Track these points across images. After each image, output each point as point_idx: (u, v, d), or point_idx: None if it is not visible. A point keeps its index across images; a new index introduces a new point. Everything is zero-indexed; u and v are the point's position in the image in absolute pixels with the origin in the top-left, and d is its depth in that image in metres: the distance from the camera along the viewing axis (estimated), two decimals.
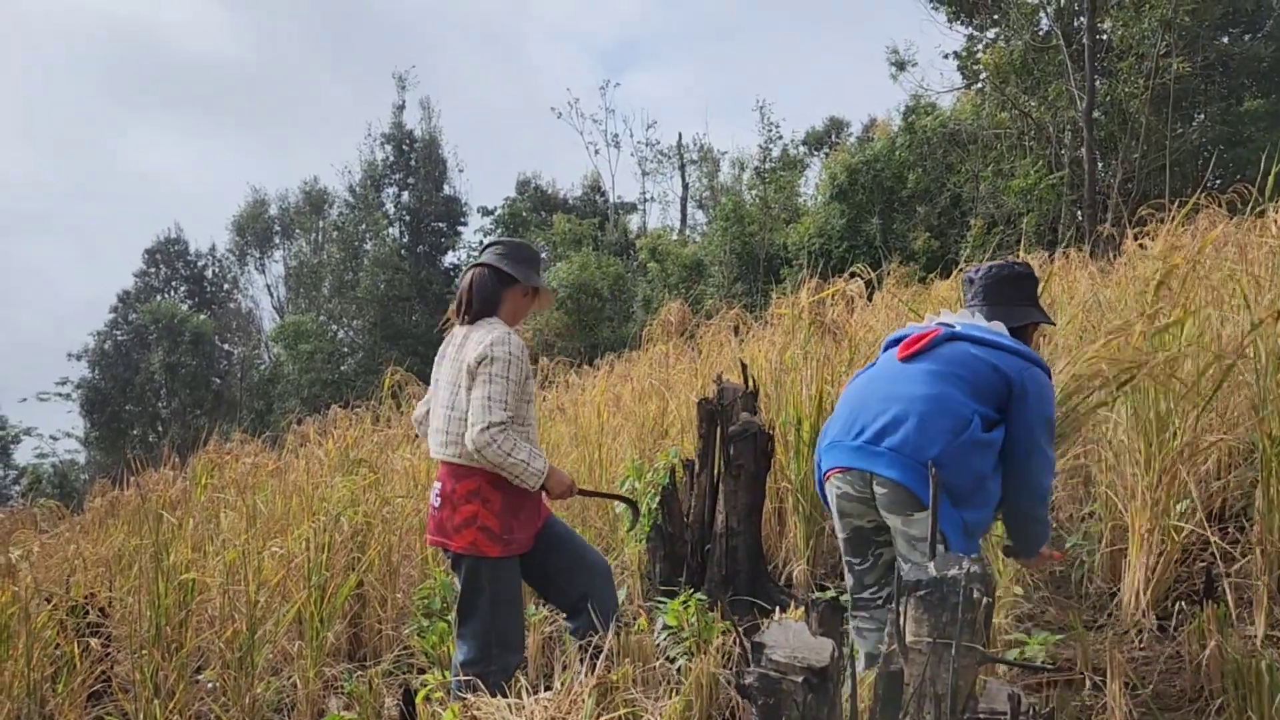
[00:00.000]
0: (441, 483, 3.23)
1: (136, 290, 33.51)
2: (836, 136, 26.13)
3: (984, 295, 2.89)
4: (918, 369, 2.65)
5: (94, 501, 6.62)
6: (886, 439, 2.54)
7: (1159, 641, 3.20)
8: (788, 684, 1.89)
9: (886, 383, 2.68)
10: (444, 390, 3.28)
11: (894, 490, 2.52)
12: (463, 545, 3.15)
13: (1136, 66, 13.86)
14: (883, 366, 2.79)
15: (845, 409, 2.74)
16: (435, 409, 3.31)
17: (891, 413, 2.57)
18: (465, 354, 3.19)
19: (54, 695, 3.70)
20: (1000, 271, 2.90)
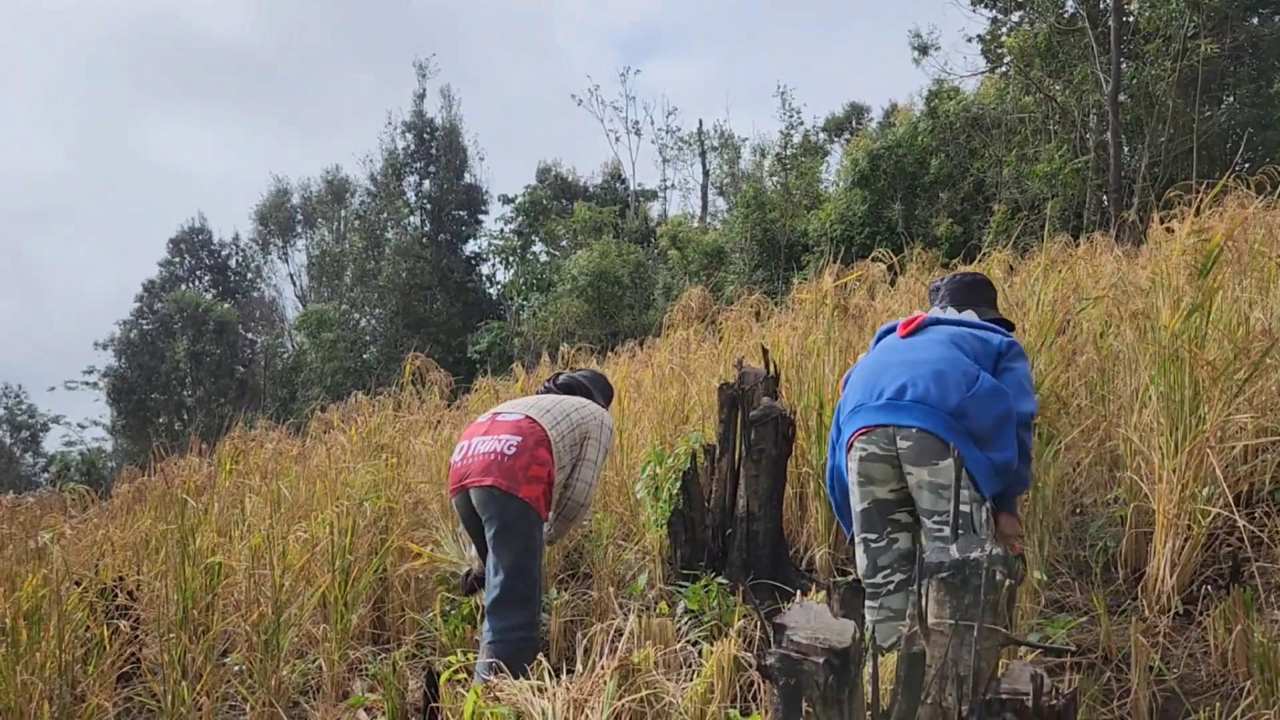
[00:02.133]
0: (521, 437, 3.58)
1: (161, 280, 33.81)
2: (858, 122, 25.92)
3: (950, 297, 3.22)
4: (921, 340, 2.94)
5: (121, 488, 6.69)
6: (909, 393, 2.74)
7: (1184, 627, 3.18)
8: (809, 665, 1.89)
9: (897, 353, 2.93)
10: (547, 404, 3.84)
11: (920, 439, 2.68)
12: (530, 496, 3.49)
13: (1164, 48, 13.65)
14: (887, 344, 3.04)
15: (860, 380, 2.94)
16: (535, 400, 3.90)
17: (909, 373, 2.79)
18: (583, 415, 3.83)
19: (84, 676, 3.75)
20: (963, 278, 3.27)
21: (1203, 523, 3.26)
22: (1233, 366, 3.35)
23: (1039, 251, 5.96)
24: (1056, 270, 5.41)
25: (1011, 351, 2.95)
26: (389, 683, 3.49)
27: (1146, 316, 3.77)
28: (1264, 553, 3.25)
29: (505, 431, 3.60)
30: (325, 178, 34.27)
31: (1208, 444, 3.25)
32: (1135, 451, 3.57)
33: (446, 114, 29.81)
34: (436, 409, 6.55)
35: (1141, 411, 3.58)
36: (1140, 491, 3.51)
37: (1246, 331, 3.59)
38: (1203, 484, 3.28)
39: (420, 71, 29.65)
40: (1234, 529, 3.29)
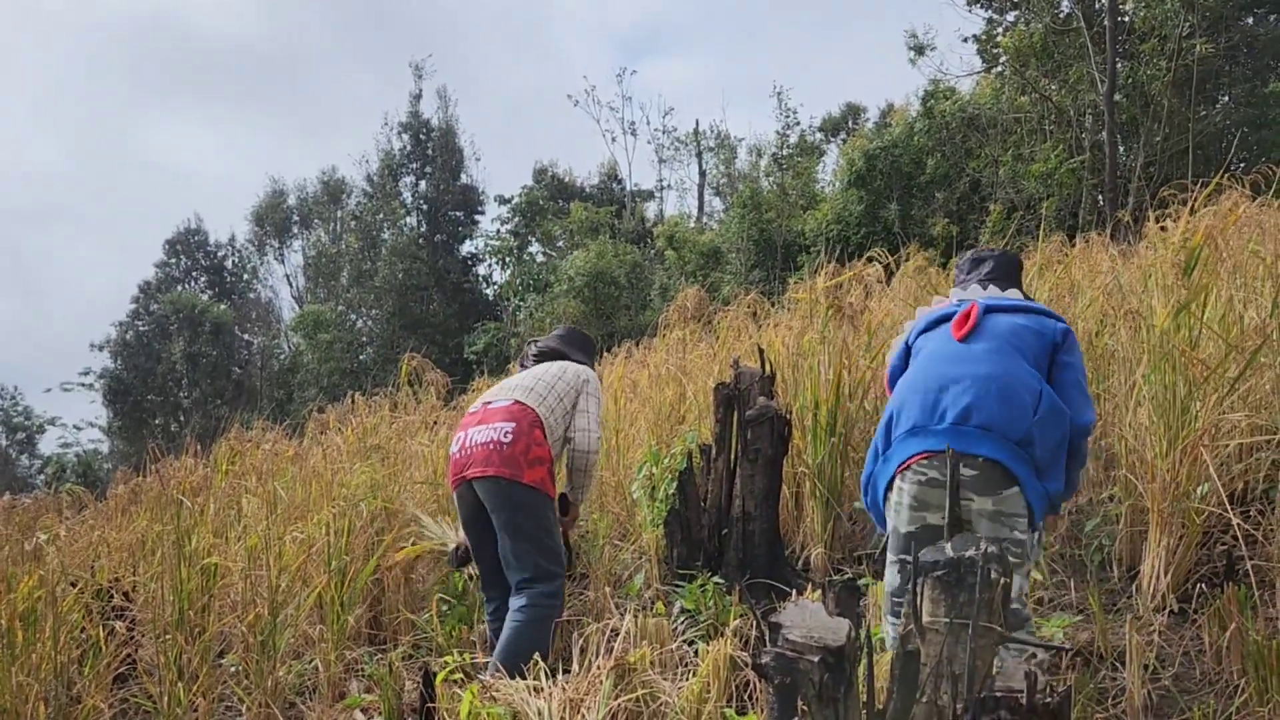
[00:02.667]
0: (515, 423, 3.59)
1: (157, 281, 33.77)
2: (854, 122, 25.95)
3: (997, 271, 3.02)
4: (980, 349, 2.69)
5: (117, 489, 6.69)
6: (974, 418, 2.55)
7: (1179, 625, 3.19)
8: (804, 664, 1.89)
9: (953, 364, 2.68)
10: (535, 373, 3.86)
11: (986, 468, 2.52)
12: (535, 480, 3.52)
13: (1159, 48, 13.68)
14: (943, 351, 2.76)
15: (916, 395, 2.68)
16: (518, 381, 3.86)
17: (972, 393, 2.58)
18: (565, 370, 3.86)
19: (80, 677, 3.75)
20: (1008, 256, 3.12)
21: (1197, 521, 3.27)
22: (1225, 365, 3.36)
23: (1034, 251, 5.97)
24: (1052, 270, 5.42)
25: (1068, 342, 2.76)
26: (385, 683, 3.49)
27: (1140, 316, 3.78)
28: (1258, 550, 3.26)
29: (499, 419, 3.62)
30: (321, 178, 34.24)
31: (1201, 442, 3.26)
32: (1130, 450, 3.58)
33: (443, 115, 29.82)
34: (433, 409, 6.55)
35: (1136, 410, 3.59)
36: (1135, 490, 3.52)
37: (1240, 330, 3.61)
38: (1197, 482, 3.29)
39: (416, 72, 29.66)
40: (1228, 527, 3.30)
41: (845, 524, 4.38)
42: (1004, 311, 2.80)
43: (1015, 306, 2.82)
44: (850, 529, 4.43)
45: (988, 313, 2.80)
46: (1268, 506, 3.41)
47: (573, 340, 4.17)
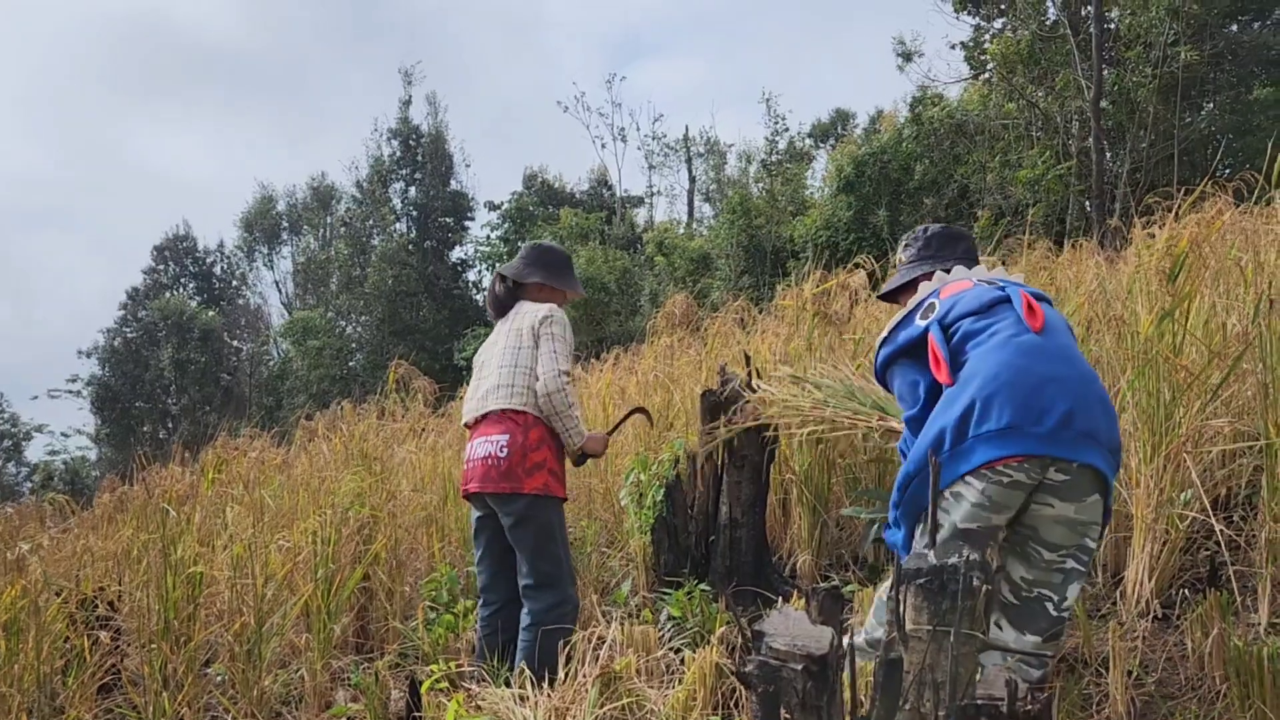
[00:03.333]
0: (509, 434, 3.49)
1: (145, 287, 33.68)
2: (843, 128, 26.06)
3: (973, 251, 2.96)
4: (1057, 345, 2.53)
5: (103, 497, 6.65)
6: (1078, 423, 2.40)
7: (1162, 630, 3.20)
8: (787, 672, 1.90)
9: (1041, 360, 2.48)
10: (499, 355, 3.62)
11: (1080, 474, 2.39)
12: (536, 487, 3.43)
13: (1144, 55, 13.78)
14: (1020, 340, 2.51)
15: (1006, 390, 2.43)
16: (490, 371, 3.65)
17: (1072, 396, 2.42)
18: (521, 323, 3.59)
19: (64, 688, 3.72)
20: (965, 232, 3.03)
21: (1180, 527, 3.29)
22: (1208, 371, 3.39)
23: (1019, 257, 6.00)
24: (1038, 275, 5.45)
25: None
26: (371, 692, 3.48)
27: (1124, 322, 3.80)
28: (1240, 556, 3.28)
29: (496, 431, 3.55)
30: (311, 184, 34.24)
31: (1184, 448, 3.28)
32: None
33: (432, 121, 29.85)
34: (421, 417, 6.54)
35: (1120, 416, 3.60)
36: (1119, 495, 3.53)
37: (1223, 337, 3.63)
38: (1180, 488, 3.31)
39: (406, 78, 29.71)
40: (1211, 533, 3.32)
41: (832, 530, 4.39)
42: (1042, 301, 2.65)
43: (1043, 296, 2.69)
44: (837, 535, 4.44)
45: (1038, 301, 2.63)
46: (1250, 512, 3.43)
47: (535, 264, 3.78)
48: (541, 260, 3.79)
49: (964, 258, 2.91)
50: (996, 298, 2.61)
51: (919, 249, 3.00)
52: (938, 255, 2.93)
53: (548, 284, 3.75)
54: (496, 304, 3.78)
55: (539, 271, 3.75)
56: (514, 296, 3.76)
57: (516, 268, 3.77)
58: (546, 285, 3.76)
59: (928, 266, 2.92)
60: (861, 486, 4.29)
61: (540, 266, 3.76)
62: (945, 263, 2.88)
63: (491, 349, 3.73)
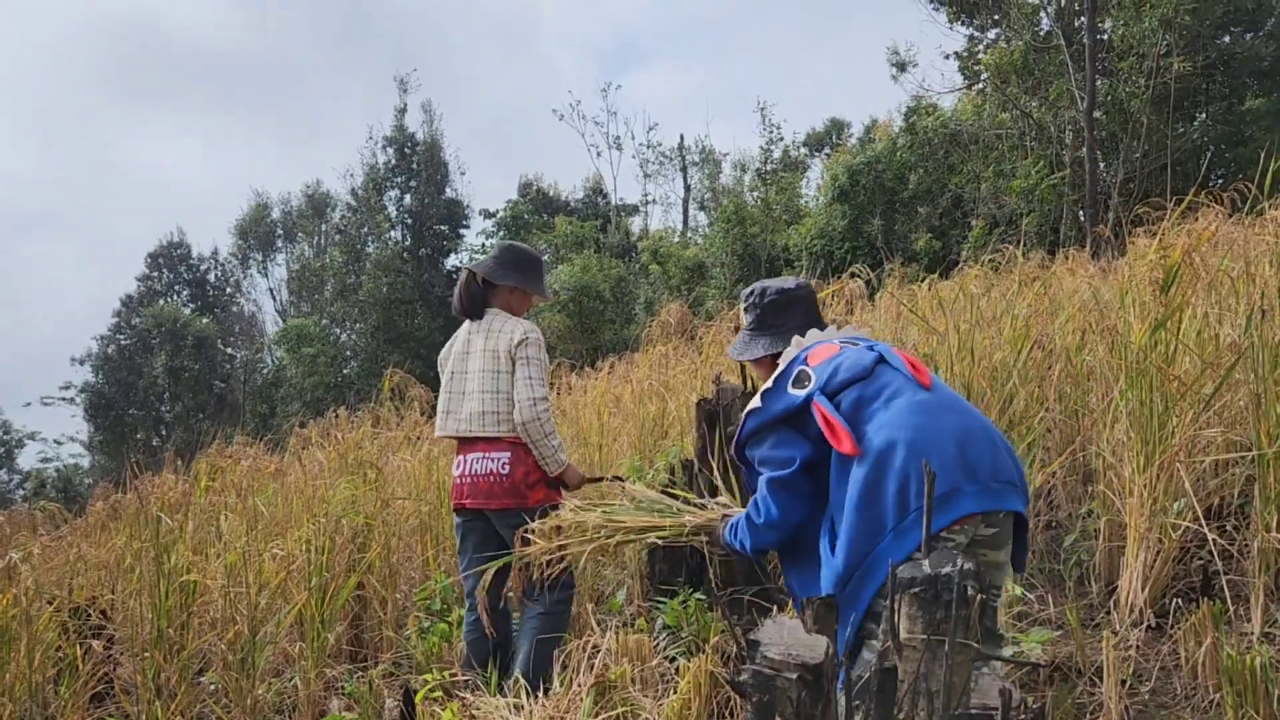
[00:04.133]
0: (511, 453, 3.51)
1: (139, 294, 33.61)
2: (838, 138, 26.15)
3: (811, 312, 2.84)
4: (952, 397, 2.52)
5: (96, 505, 6.64)
6: (1001, 473, 2.36)
7: (1156, 639, 3.21)
8: (782, 681, 1.90)
9: (951, 417, 2.42)
10: (477, 377, 3.59)
11: (1005, 522, 2.38)
12: (540, 499, 3.48)
13: (1137, 66, 13.85)
14: (922, 398, 2.44)
15: (935, 455, 2.31)
16: (471, 390, 3.61)
17: (990, 446, 2.39)
18: (498, 344, 3.57)
19: (56, 697, 3.71)
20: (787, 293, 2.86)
21: (1174, 536, 3.30)
22: (1201, 381, 3.40)
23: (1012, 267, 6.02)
24: (1030, 286, 5.47)
25: None
26: (365, 701, 3.48)
27: (1118, 332, 3.82)
28: (1233, 566, 3.29)
29: (496, 450, 3.55)
30: (306, 192, 34.23)
31: (1177, 458, 3.29)
32: (1108, 465, 3.61)
33: (428, 129, 29.86)
34: (416, 425, 6.54)
35: (1113, 426, 3.62)
36: (1113, 505, 3.55)
37: (1216, 347, 3.65)
38: (1173, 498, 3.32)
39: (401, 86, 29.71)
40: (1204, 542, 3.32)
41: None
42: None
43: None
44: None
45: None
46: (1243, 522, 3.44)
47: (510, 266, 3.70)
48: (517, 262, 3.72)
49: (806, 322, 2.79)
50: (874, 359, 2.52)
51: (758, 318, 2.84)
52: (776, 326, 2.80)
53: (520, 287, 3.70)
54: (467, 302, 3.70)
55: (513, 274, 3.69)
56: (485, 296, 3.69)
57: (489, 267, 3.69)
58: (519, 289, 3.71)
59: (769, 339, 2.79)
60: None
61: (515, 268, 3.70)
62: (787, 333, 2.75)
63: (465, 360, 3.67)
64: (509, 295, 3.71)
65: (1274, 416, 3.19)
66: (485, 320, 3.65)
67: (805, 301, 2.85)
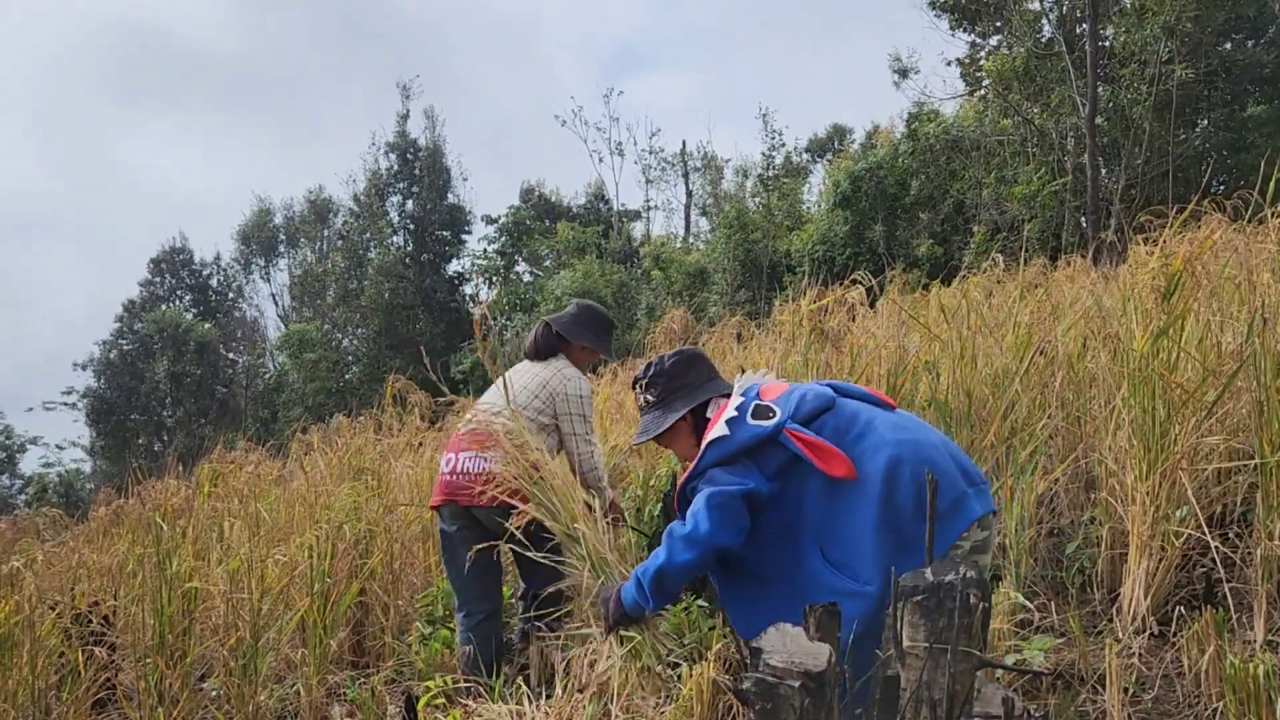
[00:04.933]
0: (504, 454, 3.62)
1: (141, 299, 33.66)
2: (839, 144, 26.18)
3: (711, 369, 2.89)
4: (910, 415, 2.71)
5: (98, 511, 6.64)
6: (980, 478, 2.49)
7: (1158, 647, 3.20)
8: (785, 689, 1.90)
9: (926, 433, 2.53)
10: (519, 391, 3.79)
11: (992, 523, 2.48)
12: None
13: (1139, 73, 13.87)
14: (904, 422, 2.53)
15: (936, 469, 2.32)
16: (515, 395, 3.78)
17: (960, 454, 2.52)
18: (554, 384, 3.82)
19: (59, 703, 3.71)
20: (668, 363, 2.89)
21: (1176, 544, 3.30)
22: (1203, 388, 3.40)
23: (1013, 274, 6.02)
24: (1032, 292, 5.47)
25: None
26: (367, 707, 3.48)
27: (1119, 339, 3.82)
28: (1236, 574, 3.28)
29: (491, 449, 3.59)
30: (308, 197, 34.28)
31: (1180, 465, 3.29)
32: (1110, 472, 3.61)
33: (430, 135, 29.93)
34: (418, 431, 6.54)
35: (1115, 433, 3.62)
36: (1115, 512, 3.54)
37: (1218, 354, 3.64)
38: (1176, 505, 3.32)
39: (404, 93, 29.81)
40: (1207, 550, 3.32)
41: None
42: None
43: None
44: None
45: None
46: (1245, 529, 3.44)
47: (587, 327, 4.02)
48: (591, 322, 4.03)
49: (710, 375, 2.83)
50: (831, 393, 2.59)
51: (662, 388, 2.84)
52: (685, 387, 2.80)
53: (591, 348, 4.00)
54: (536, 350, 3.98)
55: (588, 334, 3.98)
56: (555, 346, 3.97)
57: (566, 324, 3.98)
58: (589, 348, 4.00)
59: (681, 401, 2.79)
60: None
61: (589, 329, 4.00)
62: (697, 390, 2.79)
63: (519, 376, 3.90)
64: (579, 351, 4.00)
65: (1276, 424, 3.19)
66: (550, 361, 3.93)
67: (703, 358, 2.88)
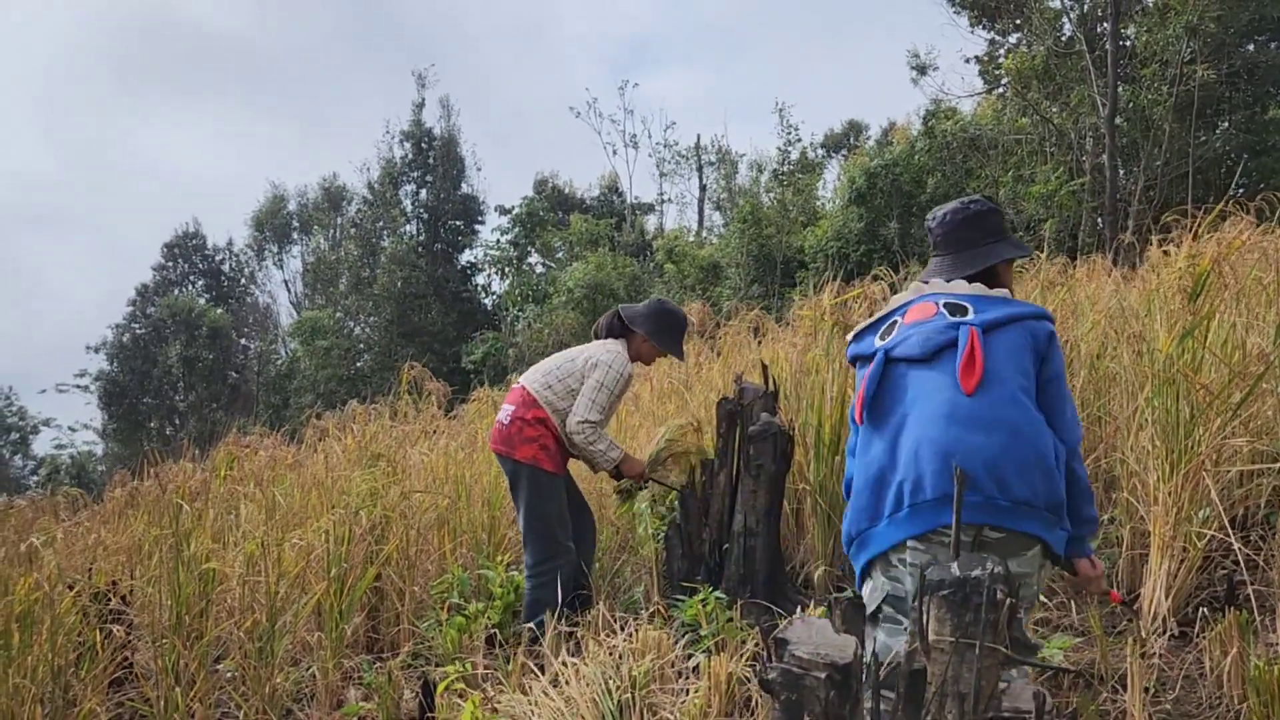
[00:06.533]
0: (515, 406, 4.09)
1: (155, 284, 33.79)
2: (855, 140, 26.08)
3: (945, 243, 2.65)
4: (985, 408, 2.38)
5: (114, 492, 6.67)
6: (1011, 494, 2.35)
7: (1180, 648, 3.19)
8: (811, 680, 1.89)
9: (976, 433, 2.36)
10: (566, 355, 4.21)
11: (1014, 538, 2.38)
12: (526, 456, 4.00)
13: (1160, 73, 13.77)
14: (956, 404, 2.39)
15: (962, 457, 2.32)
16: (550, 358, 4.25)
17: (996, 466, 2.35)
18: (595, 350, 4.13)
19: (77, 681, 3.73)
20: (956, 215, 2.64)
21: (1198, 545, 3.28)
22: (1228, 390, 3.38)
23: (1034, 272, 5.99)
24: (1054, 291, 5.44)
25: (1053, 344, 2.43)
26: (384, 692, 3.48)
27: (1142, 339, 3.80)
28: (1259, 576, 3.27)
29: (509, 400, 4.18)
30: (322, 185, 34.33)
31: (1203, 467, 3.27)
32: (1131, 473, 3.59)
33: (445, 124, 29.90)
34: (433, 419, 6.55)
35: (1138, 433, 3.60)
36: (1136, 513, 3.53)
37: (1242, 355, 3.62)
38: (1198, 506, 3.30)
39: (419, 81, 29.76)
40: (1229, 551, 3.31)
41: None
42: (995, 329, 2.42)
43: (998, 322, 2.43)
44: None
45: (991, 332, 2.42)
46: (1269, 532, 3.42)
47: (644, 315, 4.19)
48: (658, 317, 4.18)
49: (940, 253, 2.67)
50: (942, 344, 2.40)
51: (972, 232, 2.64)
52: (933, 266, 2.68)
53: (651, 341, 4.17)
54: (597, 332, 4.30)
55: (652, 328, 4.15)
56: (617, 331, 4.23)
57: (635, 312, 4.20)
58: (649, 342, 4.18)
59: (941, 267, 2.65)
60: None
61: (654, 323, 4.16)
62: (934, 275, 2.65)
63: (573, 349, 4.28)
64: (641, 343, 4.21)
65: None
66: (606, 340, 4.21)
67: (935, 233, 2.68)
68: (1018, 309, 2.47)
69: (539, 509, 4.03)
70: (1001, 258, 2.61)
